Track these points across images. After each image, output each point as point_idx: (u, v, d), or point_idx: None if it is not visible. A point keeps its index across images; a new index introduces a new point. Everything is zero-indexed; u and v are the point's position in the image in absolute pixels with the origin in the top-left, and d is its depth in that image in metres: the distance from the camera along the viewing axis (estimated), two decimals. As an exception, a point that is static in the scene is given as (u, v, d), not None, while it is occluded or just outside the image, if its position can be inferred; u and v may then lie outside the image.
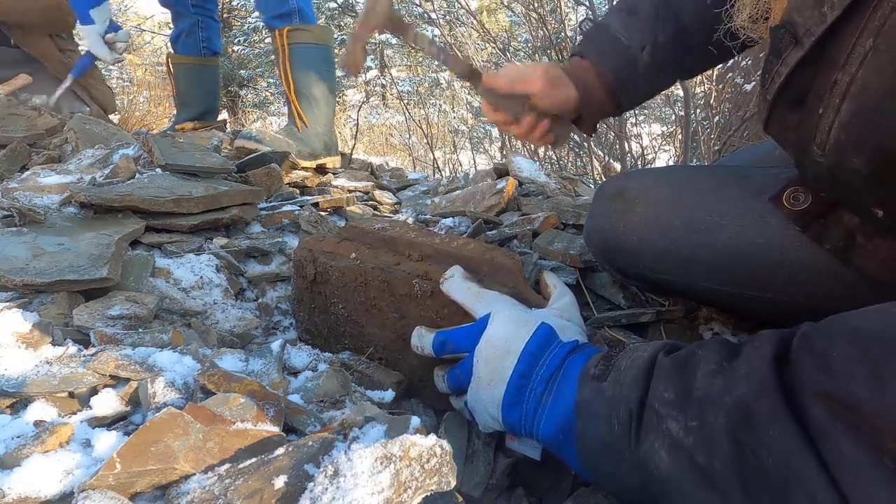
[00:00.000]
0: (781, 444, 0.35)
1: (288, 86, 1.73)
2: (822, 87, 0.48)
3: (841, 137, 0.47)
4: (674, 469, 0.40)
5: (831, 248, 0.58)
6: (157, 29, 10.82)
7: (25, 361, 0.52)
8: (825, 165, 0.50)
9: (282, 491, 0.35)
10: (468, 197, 1.32)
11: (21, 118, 1.53)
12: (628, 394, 0.45)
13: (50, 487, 0.36)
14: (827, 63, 0.48)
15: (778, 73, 0.53)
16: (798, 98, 0.53)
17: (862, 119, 0.45)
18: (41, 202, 0.96)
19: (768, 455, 0.35)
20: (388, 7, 0.76)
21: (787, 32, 0.51)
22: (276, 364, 0.60)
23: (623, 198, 0.76)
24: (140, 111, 3.10)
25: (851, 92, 0.45)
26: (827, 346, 0.35)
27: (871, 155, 0.45)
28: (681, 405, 0.41)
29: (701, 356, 0.43)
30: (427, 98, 6.67)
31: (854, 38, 0.44)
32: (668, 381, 0.43)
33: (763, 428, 0.36)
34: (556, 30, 3.46)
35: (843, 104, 0.46)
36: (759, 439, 0.36)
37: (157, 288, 0.81)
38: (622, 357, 0.49)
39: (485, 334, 0.56)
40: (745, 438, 0.36)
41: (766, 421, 0.36)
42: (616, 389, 0.46)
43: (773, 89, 0.54)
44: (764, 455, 0.35)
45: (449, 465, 0.38)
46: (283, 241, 1.07)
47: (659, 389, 0.43)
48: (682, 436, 0.40)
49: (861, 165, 0.46)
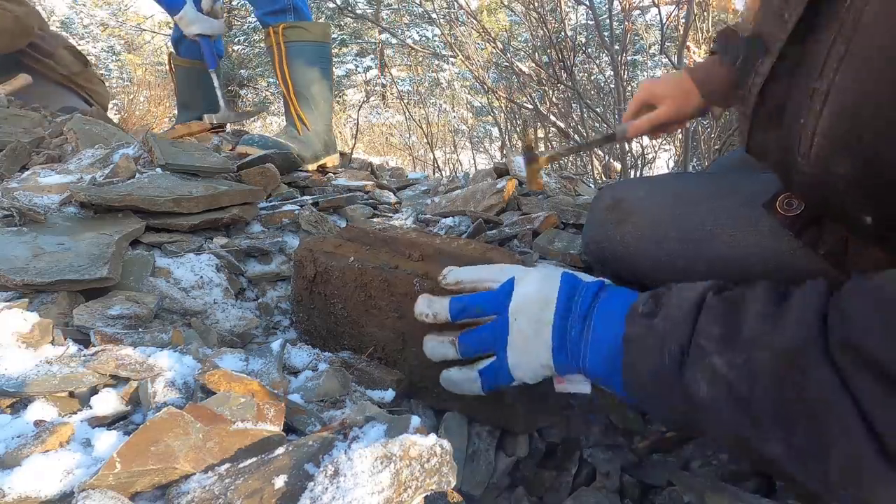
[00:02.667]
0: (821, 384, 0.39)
1: (286, 87, 1.70)
2: (800, 97, 0.50)
3: (824, 145, 0.48)
4: (713, 397, 0.45)
5: (826, 254, 0.58)
6: (157, 29, 10.83)
7: (25, 361, 0.52)
8: (810, 175, 0.51)
9: (282, 490, 0.35)
10: (468, 196, 1.32)
11: (24, 118, 1.53)
12: (680, 329, 0.48)
13: (50, 487, 0.36)
14: (803, 73, 0.49)
15: (754, 84, 0.56)
16: (777, 112, 0.54)
17: (844, 124, 0.45)
18: (41, 202, 0.96)
19: (809, 392, 0.40)
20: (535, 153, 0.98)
21: (758, 44, 0.55)
22: (276, 364, 0.60)
23: (618, 209, 0.76)
24: (140, 111, 3.10)
25: (831, 99, 0.46)
26: (849, 304, 0.41)
27: (856, 160, 0.46)
28: (727, 342, 0.45)
29: (750, 298, 0.47)
30: (427, 98, 6.66)
31: (828, 45, 0.46)
32: (716, 319, 0.47)
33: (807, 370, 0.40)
34: (556, 29, 3.45)
35: (823, 111, 0.47)
36: (802, 379, 0.40)
37: (158, 287, 0.81)
38: (671, 296, 0.52)
39: (517, 292, 0.59)
40: (789, 377, 0.41)
41: (811, 364, 0.40)
42: (667, 325, 0.49)
43: (750, 102, 0.56)
44: (805, 391, 0.40)
45: (449, 465, 0.38)
46: (284, 241, 1.07)
47: (706, 325, 0.47)
48: (726, 370, 0.44)
49: (847, 171, 0.47)
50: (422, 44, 8.26)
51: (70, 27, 12.98)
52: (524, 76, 3.66)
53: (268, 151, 1.41)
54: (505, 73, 4.40)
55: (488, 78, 4.05)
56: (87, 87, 2.26)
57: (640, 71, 5.85)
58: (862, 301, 0.40)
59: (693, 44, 2.78)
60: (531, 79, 3.66)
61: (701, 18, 2.87)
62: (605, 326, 0.54)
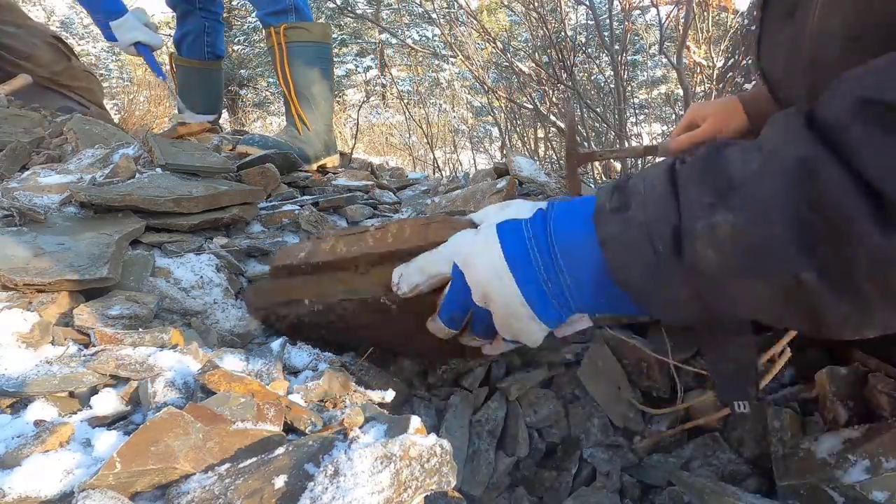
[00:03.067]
0: (833, 182, 0.37)
1: (287, 87, 1.70)
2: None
3: (826, 2, 0.47)
4: (722, 261, 0.41)
5: None
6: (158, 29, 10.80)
7: (25, 361, 0.52)
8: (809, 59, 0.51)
9: (282, 490, 0.35)
10: (468, 196, 1.32)
11: (24, 118, 1.53)
12: (664, 211, 0.44)
13: (50, 487, 0.36)
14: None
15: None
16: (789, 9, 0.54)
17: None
18: (41, 202, 0.96)
19: (826, 205, 0.37)
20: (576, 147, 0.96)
21: None
22: (276, 364, 0.60)
23: None
24: (140, 111, 3.09)
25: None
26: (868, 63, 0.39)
27: (850, 5, 0.45)
28: (722, 194, 0.42)
29: (725, 152, 0.44)
30: (427, 98, 6.66)
31: None
32: (700, 185, 0.43)
33: (817, 174, 0.38)
34: (556, 29, 3.45)
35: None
36: (819, 191, 0.37)
37: (158, 287, 0.81)
38: (636, 182, 0.48)
39: (469, 280, 0.55)
40: (801, 189, 0.38)
41: (822, 168, 0.37)
42: (647, 211, 0.45)
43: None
44: (822, 205, 0.37)
45: (449, 465, 0.38)
46: (284, 241, 1.07)
47: (692, 192, 0.43)
48: (732, 220, 0.41)
49: (840, 25, 0.46)
50: (422, 44, 8.26)
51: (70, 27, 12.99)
52: (524, 76, 3.66)
53: (268, 151, 1.41)
54: (505, 73, 4.40)
55: (488, 78, 4.05)
56: (72, 85, 2.11)
57: (639, 71, 5.85)
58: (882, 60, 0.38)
59: (693, 43, 2.78)
60: (531, 79, 3.66)
61: (700, 18, 2.87)
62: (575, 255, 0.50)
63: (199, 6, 2.07)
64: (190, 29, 2.10)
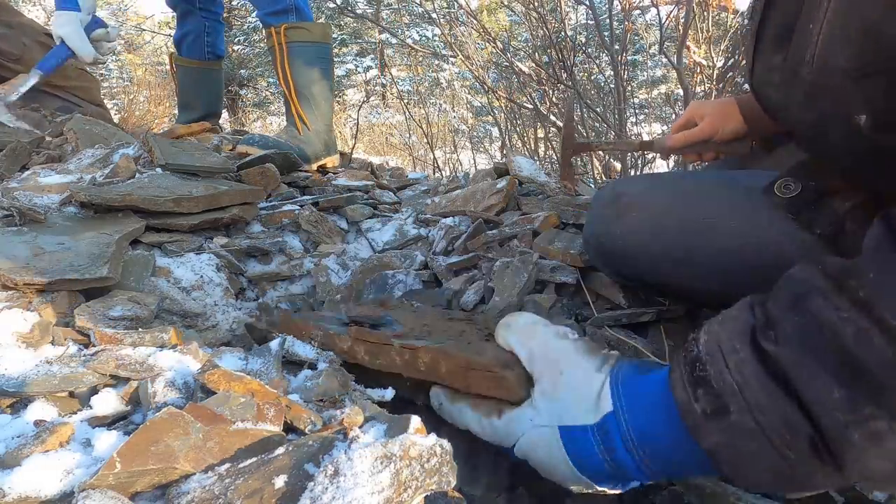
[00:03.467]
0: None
1: (288, 87, 1.71)
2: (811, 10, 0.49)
3: (827, 34, 0.47)
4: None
5: (821, 235, 0.59)
6: (158, 28, 10.82)
7: (26, 361, 0.52)
8: (810, 82, 0.50)
9: (282, 490, 0.35)
10: (468, 196, 1.32)
11: (23, 118, 1.53)
12: (784, 417, 0.40)
13: (50, 487, 0.36)
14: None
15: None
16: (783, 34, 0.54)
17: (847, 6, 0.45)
18: (41, 202, 0.96)
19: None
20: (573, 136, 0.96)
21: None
22: (276, 363, 0.60)
23: (619, 203, 0.77)
24: (140, 111, 3.10)
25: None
26: None
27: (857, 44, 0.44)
28: (871, 396, 0.37)
29: (821, 318, 0.39)
30: (427, 98, 6.66)
31: None
32: (823, 377, 0.38)
33: None
34: (556, 29, 3.45)
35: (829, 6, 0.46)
36: None
37: (158, 287, 0.81)
38: (718, 372, 0.43)
39: (525, 455, 0.57)
40: None
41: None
42: (757, 418, 0.41)
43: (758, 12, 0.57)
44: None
45: (449, 465, 0.38)
46: (284, 241, 1.08)
47: (821, 393, 0.38)
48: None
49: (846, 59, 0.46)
50: (422, 44, 8.26)
51: (70, 27, 12.93)
52: (524, 76, 3.66)
53: (268, 151, 1.41)
54: (505, 73, 4.40)
55: (488, 78, 4.05)
56: (66, 85, 2.06)
57: (639, 71, 5.85)
58: None
59: (693, 43, 2.78)
60: (531, 79, 3.66)
61: (700, 18, 2.87)
62: (664, 456, 0.48)
63: (199, 6, 2.07)
64: (190, 29, 2.10)
